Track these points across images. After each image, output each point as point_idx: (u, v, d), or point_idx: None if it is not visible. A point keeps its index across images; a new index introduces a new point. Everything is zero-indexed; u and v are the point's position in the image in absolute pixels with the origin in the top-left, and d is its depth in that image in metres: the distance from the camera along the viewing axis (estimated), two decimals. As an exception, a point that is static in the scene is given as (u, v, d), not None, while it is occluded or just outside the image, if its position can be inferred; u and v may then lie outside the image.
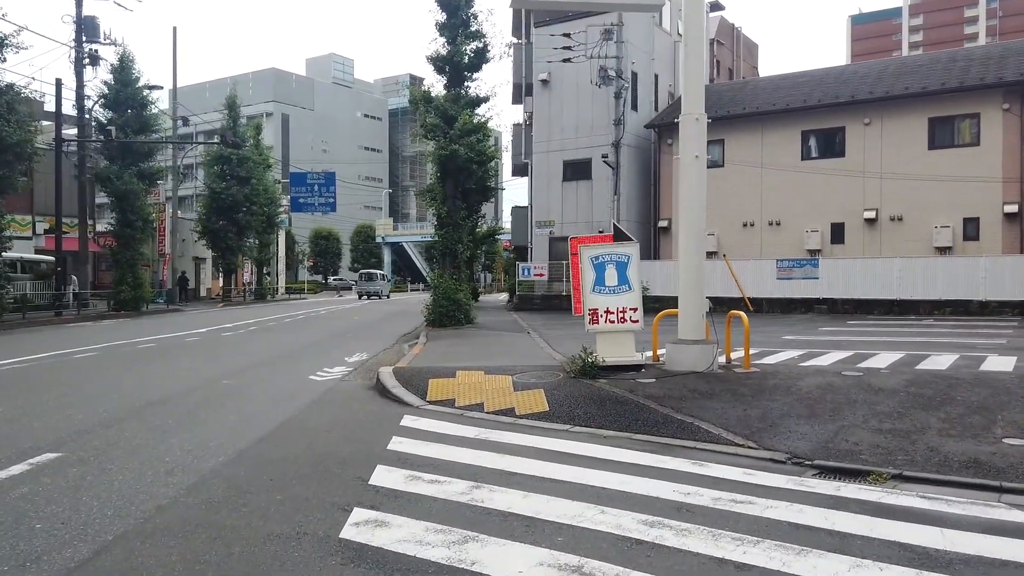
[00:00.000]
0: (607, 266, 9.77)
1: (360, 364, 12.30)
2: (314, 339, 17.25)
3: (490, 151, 20.04)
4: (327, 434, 6.79)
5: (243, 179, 39.57)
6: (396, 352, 14.44)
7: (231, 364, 12.17)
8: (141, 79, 29.06)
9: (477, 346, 14.32)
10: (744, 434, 6.79)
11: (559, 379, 9.24)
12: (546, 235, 29.60)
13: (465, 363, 11.08)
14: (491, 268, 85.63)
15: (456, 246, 19.71)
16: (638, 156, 28.72)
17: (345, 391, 9.36)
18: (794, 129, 25.17)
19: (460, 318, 19.21)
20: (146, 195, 29.37)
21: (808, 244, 24.79)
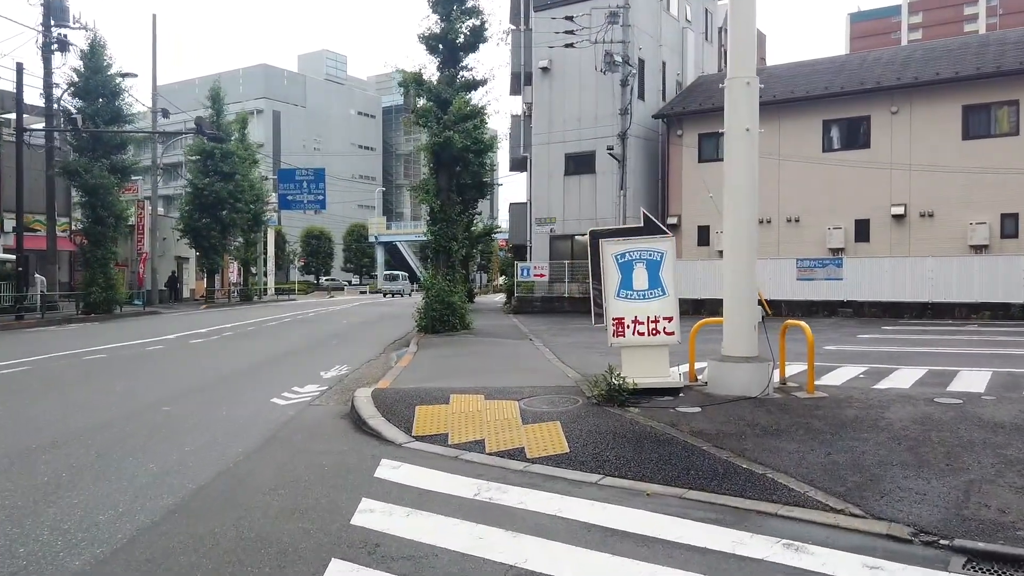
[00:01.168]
0: (635, 265, 7.95)
1: (337, 381, 10.45)
2: (292, 347, 15.39)
3: (487, 139, 18.16)
4: (270, 498, 4.94)
5: (227, 175, 37.67)
6: (382, 364, 12.62)
7: (182, 382, 10.30)
8: (114, 66, 27.11)
9: (474, 357, 12.48)
10: (839, 492, 5.00)
11: (578, 406, 7.41)
12: (546, 233, 27.78)
13: (461, 381, 9.25)
14: (487, 268, 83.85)
15: (450, 244, 17.87)
16: (645, 149, 26.92)
17: (310, 422, 7.51)
18: (814, 119, 23.40)
19: (455, 323, 17.38)
20: (119, 190, 27.42)
21: (830, 242, 23.03)
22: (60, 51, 26.36)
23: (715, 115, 25.10)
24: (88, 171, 25.44)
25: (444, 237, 17.90)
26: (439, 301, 17.26)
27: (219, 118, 38.61)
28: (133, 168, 28.07)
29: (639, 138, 26.11)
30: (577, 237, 27.19)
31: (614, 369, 7.56)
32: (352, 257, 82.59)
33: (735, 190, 8.06)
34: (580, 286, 26.46)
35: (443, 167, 17.92)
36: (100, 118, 26.31)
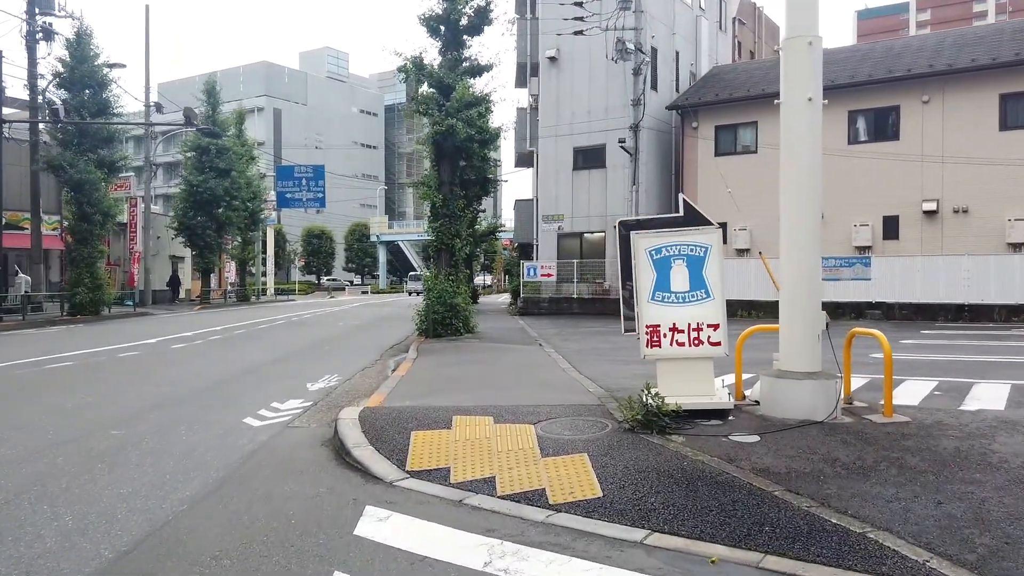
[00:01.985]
0: (673, 263, 6.67)
1: (324, 395, 9.18)
2: (281, 353, 14.12)
3: (492, 129, 16.89)
4: (208, 572, 3.66)
5: (223, 171, 36.45)
6: (377, 373, 11.35)
7: (146, 397, 9.03)
8: (102, 56, 25.90)
9: (480, 366, 11.19)
10: (969, 562, 3.71)
11: (607, 432, 6.13)
12: (554, 231, 26.50)
13: (465, 397, 7.97)
14: (490, 268, 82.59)
15: (453, 241, 16.59)
16: (658, 142, 25.63)
17: (284, 451, 6.23)
18: (839, 109, 22.04)
19: (458, 326, 16.11)
20: (107, 185, 26.18)
21: (857, 240, 21.70)
22: (45, 40, 25.14)
23: (733, 106, 23.88)
24: (73, 165, 24.21)
25: (446, 234, 16.62)
26: (441, 303, 15.99)
27: (214, 113, 37.37)
28: (121, 163, 26.79)
29: (652, 130, 24.81)
30: (586, 235, 25.92)
31: (651, 387, 6.26)
32: (354, 257, 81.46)
33: (796, 175, 6.83)
34: (589, 286, 25.19)
35: (445, 159, 16.65)
36: (86, 110, 25.10)
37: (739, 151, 23.88)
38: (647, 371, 9.67)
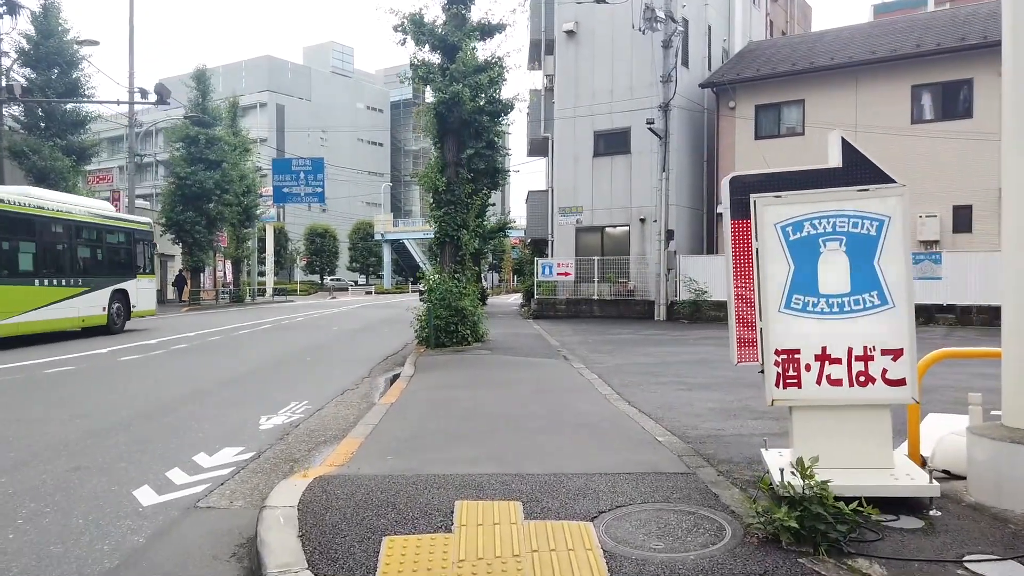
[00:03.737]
0: (824, 246, 4.01)
1: (277, 439, 6.55)
2: (246, 369, 11.50)
3: (505, 100, 14.24)
4: None
5: (213, 163, 33.96)
6: (360, 399, 8.75)
7: (29, 442, 6.42)
8: (71, 32, 23.41)
9: (493, 391, 8.52)
10: None
11: (727, 545, 3.44)
12: (571, 225, 23.84)
13: (475, 452, 5.33)
14: (499, 268, 79.99)
15: (459, 232, 13.97)
16: (690, 125, 22.94)
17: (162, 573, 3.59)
18: (901, 83, 19.33)
19: (464, 334, 13.48)
20: (77, 175, 23.68)
21: (921, 234, 18.94)
22: (9, 14, 22.67)
23: (776, 83, 21.13)
24: (37, 152, 21.73)
25: (451, 224, 14.00)
26: (445, 306, 13.36)
27: (204, 101, 34.89)
28: (93, 150, 24.28)
29: (683, 110, 22.12)
30: (608, 229, 23.25)
31: (805, 465, 3.55)
32: (358, 256, 79.10)
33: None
34: (612, 287, 22.53)
35: (450, 135, 14.02)
36: (52, 90, 22.60)
37: (783, 133, 21.16)
38: (735, 403, 7.20)
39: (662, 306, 21.00)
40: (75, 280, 16.17)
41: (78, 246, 16.53)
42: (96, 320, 16.93)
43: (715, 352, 12.42)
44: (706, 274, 20.60)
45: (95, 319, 16.88)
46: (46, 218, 15.32)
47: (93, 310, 16.80)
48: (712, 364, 10.69)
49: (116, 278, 17.85)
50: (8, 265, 14.17)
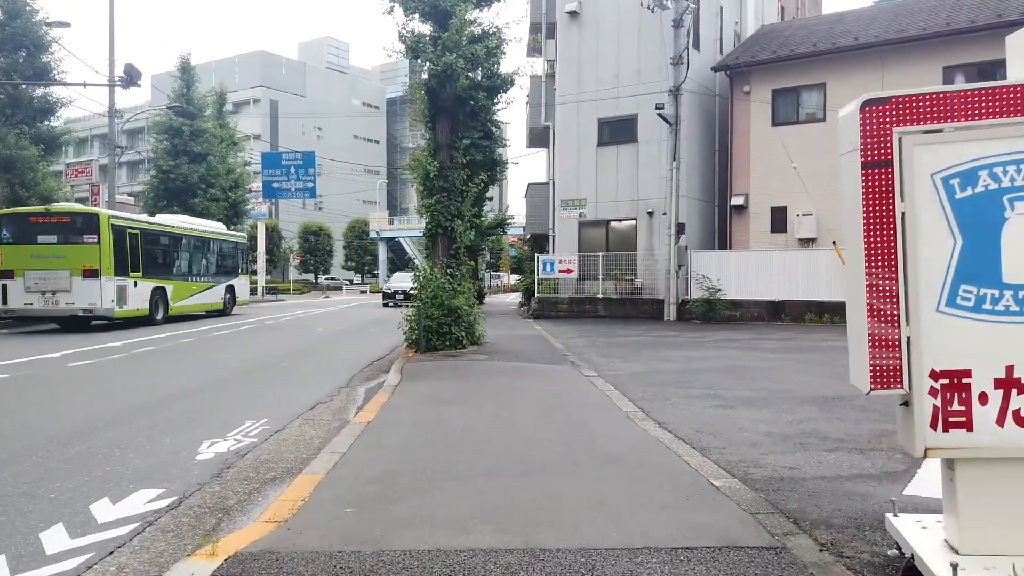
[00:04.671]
0: (1012, 207, 2.54)
1: (213, 475, 5.10)
2: (211, 377, 10.02)
3: (503, 75, 12.76)
4: None
5: (198, 156, 32.52)
6: (332, 416, 7.32)
7: None
8: (40, 12, 21.90)
9: (492, 408, 7.05)
10: None
11: None
12: (574, 219, 22.37)
13: (466, 508, 3.88)
14: (496, 266, 78.56)
15: (452, 223, 12.52)
16: (701, 111, 21.48)
17: None
18: (932, 64, 17.88)
19: (459, 336, 12.03)
20: (47, 165, 22.19)
21: (955, 226, 17.50)
22: (-27, -6, 21.19)
23: (795, 65, 19.63)
24: (1, 140, 20.21)
25: (444, 213, 12.54)
26: (436, 305, 11.90)
27: (189, 91, 33.41)
28: (63, 138, 22.77)
29: (694, 94, 20.66)
30: (613, 223, 21.80)
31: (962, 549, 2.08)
32: (353, 255, 77.55)
33: None
34: (617, 284, 21.07)
35: (443, 114, 12.56)
36: (19, 74, 21.09)
37: (802, 119, 19.70)
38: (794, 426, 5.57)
39: (672, 305, 19.55)
40: (208, 278, 22.91)
41: (209, 255, 23.33)
42: (217, 306, 23.60)
43: (743, 357, 10.97)
44: (720, 271, 19.16)
45: (217, 305, 23.55)
46: (193, 236, 22.22)
47: (216, 299, 23.50)
48: (745, 373, 9.23)
49: (228, 277, 24.63)
50: (175, 268, 21.00)
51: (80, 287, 17.06)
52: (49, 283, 17.13)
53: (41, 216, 17.74)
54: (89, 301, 17.08)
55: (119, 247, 18.01)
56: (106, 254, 17.42)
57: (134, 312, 18.51)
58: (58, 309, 17.25)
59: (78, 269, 17.16)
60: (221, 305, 23.77)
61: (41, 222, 17.57)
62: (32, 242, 17.31)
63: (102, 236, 17.43)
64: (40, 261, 17.20)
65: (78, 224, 17.59)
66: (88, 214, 18.13)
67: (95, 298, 17.15)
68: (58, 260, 17.20)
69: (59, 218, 17.70)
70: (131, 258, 18.58)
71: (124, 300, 18.01)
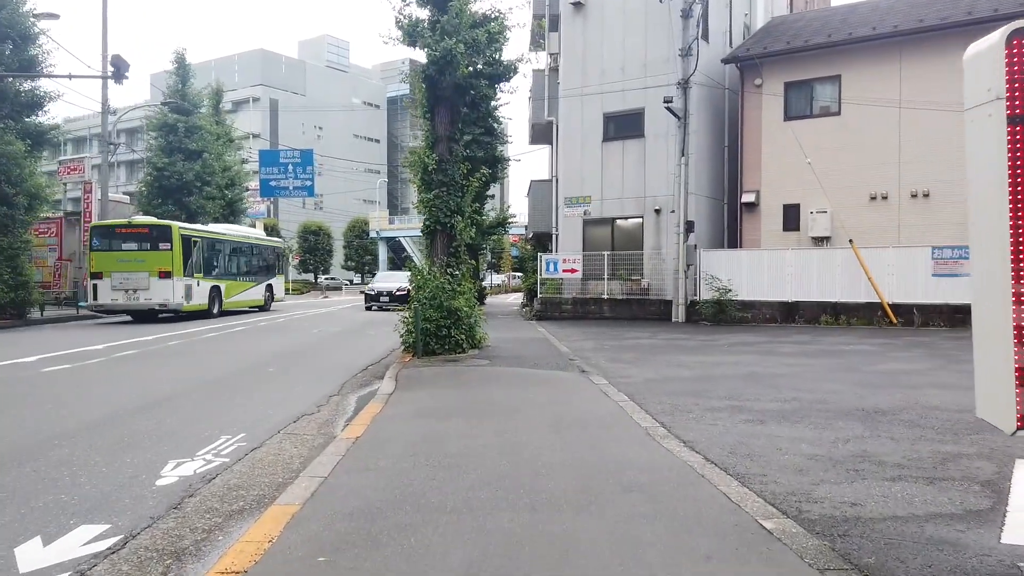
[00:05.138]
0: None
1: (180, 499, 4.40)
2: (193, 383, 9.31)
3: (506, 62, 12.05)
4: None
5: (193, 153, 31.78)
6: (317, 430, 6.65)
7: None
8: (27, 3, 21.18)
9: (494, 424, 6.33)
10: None
11: None
12: (579, 216, 21.65)
13: (464, 561, 3.15)
14: (498, 267, 77.84)
15: (452, 219, 11.82)
16: (710, 105, 20.76)
17: None
18: (953, 55, 17.11)
19: (459, 339, 11.32)
20: (34, 161, 21.49)
21: (977, 224, 16.78)
22: (-42, -16, 20.47)
23: (809, 57, 18.88)
24: (-15, 135, 19.52)
25: (443, 208, 11.84)
26: (435, 306, 11.19)
27: (184, 87, 32.70)
28: (52, 134, 22.07)
29: (703, 86, 19.94)
30: (619, 221, 21.10)
31: None
32: (353, 255, 76.85)
33: None
34: (623, 284, 20.36)
35: (442, 104, 11.85)
36: (5, 67, 20.39)
37: (816, 113, 18.98)
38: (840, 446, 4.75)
39: (681, 306, 18.83)
40: (252, 278, 26.22)
41: (253, 258, 26.69)
42: (259, 302, 26.83)
43: (762, 363, 10.25)
44: (730, 271, 18.44)
45: (259, 301, 26.72)
46: (241, 242, 25.96)
47: (258, 296, 26.71)
48: (769, 380, 8.51)
49: (268, 277, 27.83)
50: (227, 269, 24.35)
51: (156, 286, 20.31)
52: (131, 283, 20.36)
53: (125, 227, 21.16)
54: (164, 297, 20.26)
55: (186, 252, 21.19)
56: (177, 259, 20.62)
57: (197, 307, 21.75)
58: (138, 304, 20.42)
59: (155, 271, 20.39)
60: (262, 302, 27.03)
61: (124, 232, 20.97)
62: (117, 249, 20.63)
63: (174, 244, 20.68)
64: (124, 264, 20.42)
65: (154, 234, 20.83)
66: (163, 226, 21.25)
67: (168, 295, 20.28)
68: (139, 264, 20.40)
69: (139, 229, 20.97)
70: (195, 261, 21.78)
71: (190, 296, 21.26)
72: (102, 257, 20.64)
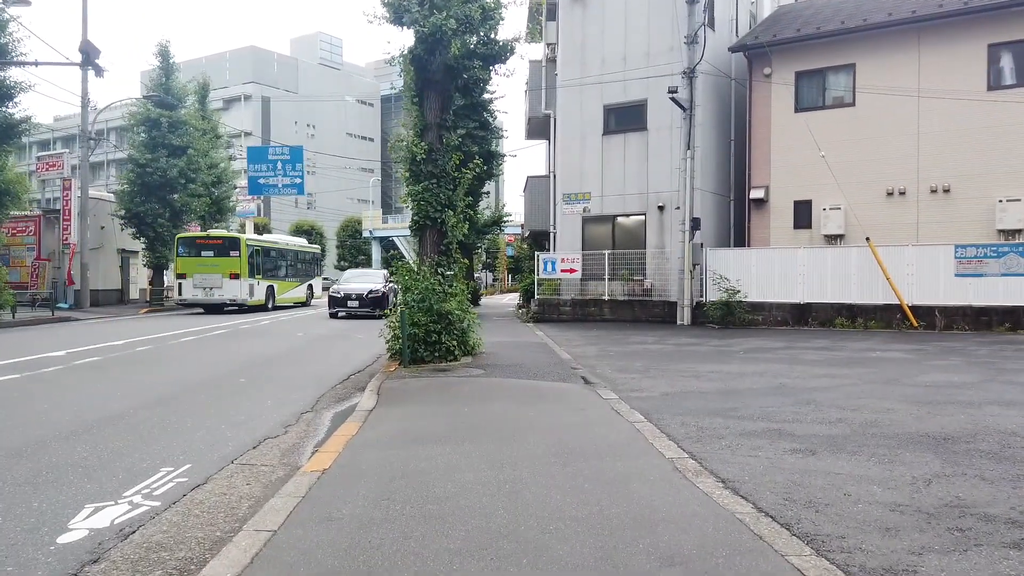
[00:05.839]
0: None
1: (80, 567, 3.33)
2: (147, 397, 8.24)
3: (501, 41, 11.00)
4: None
5: (177, 148, 30.60)
6: (278, 461, 5.64)
7: None
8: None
9: (487, 452, 5.29)
10: None
11: None
12: (578, 214, 20.63)
13: None
14: (493, 266, 76.83)
15: (443, 214, 10.78)
16: (714, 96, 19.75)
17: None
18: (975, 42, 16.21)
19: (450, 346, 10.30)
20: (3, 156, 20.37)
21: (1003, 222, 15.82)
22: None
23: (821, 45, 17.78)
24: (-52, 126, 18.41)
25: (433, 203, 10.80)
26: (424, 309, 10.16)
27: (168, 80, 31.56)
28: (23, 126, 20.94)
29: (709, 76, 18.94)
30: (620, 219, 20.10)
31: None
32: (346, 254, 75.68)
33: None
34: (625, 285, 19.37)
35: (432, 88, 10.81)
36: (-29, 55, 19.29)
37: (829, 104, 17.98)
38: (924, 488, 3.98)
39: (686, 308, 17.83)
40: (297, 279, 30.81)
41: (298, 262, 31.61)
42: (301, 299, 30.95)
43: (788, 373, 9.23)
44: (738, 270, 17.44)
45: (301, 299, 30.88)
46: (289, 249, 31.37)
47: (301, 294, 31.00)
48: (802, 396, 7.50)
49: (309, 278, 32.44)
50: (279, 271, 29.01)
51: (228, 285, 25.33)
52: (208, 282, 25.44)
53: (203, 238, 26.82)
54: (233, 295, 25.18)
55: (250, 258, 26.20)
56: (243, 264, 25.70)
57: (257, 302, 26.40)
58: (213, 300, 25.48)
59: (227, 273, 25.42)
60: (304, 299, 31.37)
61: (203, 242, 26.45)
62: (197, 255, 25.87)
63: (241, 252, 25.87)
64: (202, 268, 25.54)
65: (226, 244, 26.21)
66: (233, 237, 27.04)
67: (236, 293, 25.17)
68: (214, 267, 25.46)
69: (215, 240, 26.45)
70: (255, 266, 26.61)
71: (252, 294, 25.98)
72: (186, 262, 25.84)
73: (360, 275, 26.66)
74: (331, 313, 23.46)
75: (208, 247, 26.02)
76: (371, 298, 22.88)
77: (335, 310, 23.25)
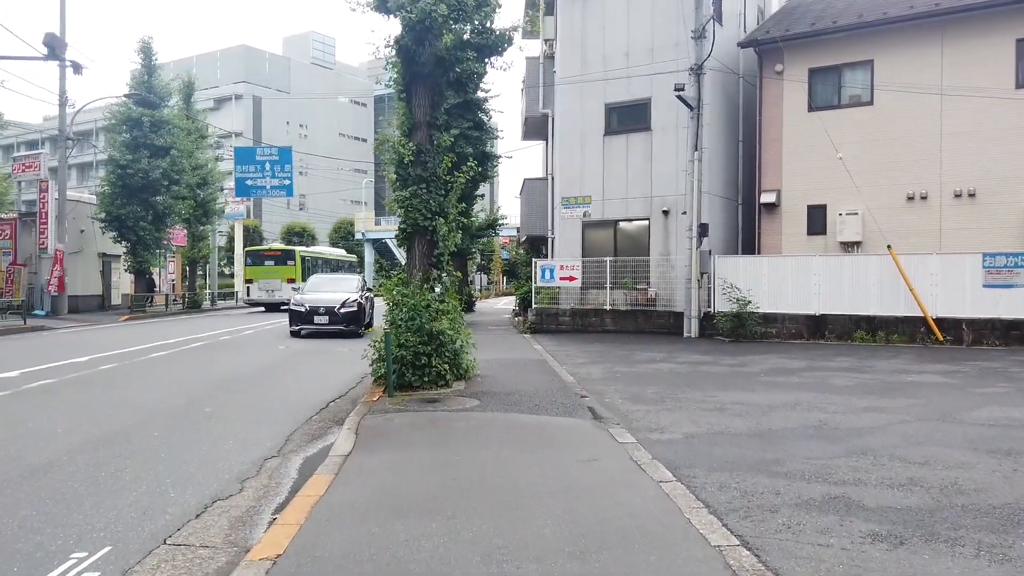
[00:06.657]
0: None
1: None
2: (85, 437, 7.12)
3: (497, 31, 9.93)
4: None
5: (160, 149, 29.47)
6: (224, 537, 4.52)
7: None
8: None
9: (484, 531, 4.21)
10: None
11: None
12: (577, 218, 19.57)
13: None
14: (488, 268, 75.74)
15: (433, 221, 9.71)
16: (722, 95, 18.72)
17: None
18: (1003, 37, 15.22)
19: (441, 371, 9.21)
20: None
21: (1032, 227, 14.83)
22: None
23: (836, 40, 16.60)
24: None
25: (423, 210, 9.73)
26: (413, 329, 9.07)
27: (150, 78, 30.41)
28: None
29: (717, 72, 17.91)
30: (622, 224, 19.06)
31: None
32: (338, 256, 74.46)
33: None
34: (628, 294, 18.32)
35: (421, 82, 9.74)
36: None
37: (846, 102, 16.97)
38: None
39: (693, 319, 16.79)
40: None
41: (339, 269, 36.90)
42: None
43: (823, 405, 8.18)
44: (749, 279, 16.42)
45: None
46: (331, 257, 40.06)
47: None
48: (853, 442, 6.44)
49: None
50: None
51: (285, 289, 30.18)
52: (270, 286, 31.77)
53: (266, 251, 34.02)
54: (289, 296, 25.51)
55: (303, 267, 32.11)
56: (298, 271, 31.70)
57: None
58: (273, 300, 31.44)
59: (284, 279, 31.51)
60: None
61: (265, 254, 33.43)
62: (261, 264, 32.79)
63: (296, 261, 32.58)
64: (265, 274, 32.16)
65: (283, 255, 33.17)
66: (289, 249, 34.36)
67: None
68: (274, 274, 31.91)
69: (275, 252, 33.44)
70: (308, 272, 30.98)
71: None
72: (253, 270, 32.86)
73: (329, 281, 21.66)
74: (292, 331, 18.40)
75: (270, 257, 32.75)
76: (345, 313, 18.00)
77: (298, 327, 18.22)
